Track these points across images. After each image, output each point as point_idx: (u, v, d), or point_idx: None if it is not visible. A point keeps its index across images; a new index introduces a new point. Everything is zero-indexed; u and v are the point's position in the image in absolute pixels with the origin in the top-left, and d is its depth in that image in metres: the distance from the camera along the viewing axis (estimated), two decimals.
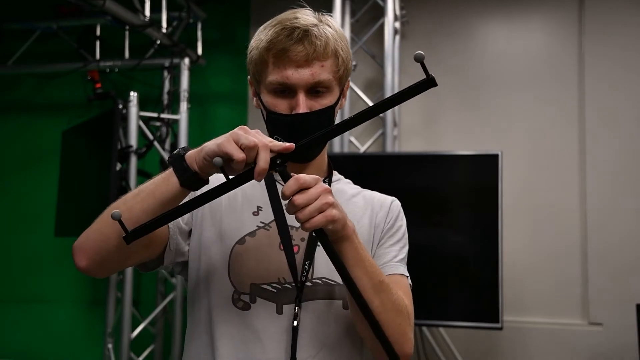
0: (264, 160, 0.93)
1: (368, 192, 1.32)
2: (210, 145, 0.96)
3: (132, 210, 1.01)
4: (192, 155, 1.01)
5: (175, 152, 1.03)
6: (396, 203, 1.31)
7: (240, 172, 0.96)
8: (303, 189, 0.96)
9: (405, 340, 1.11)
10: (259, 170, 0.93)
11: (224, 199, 1.21)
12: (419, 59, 0.85)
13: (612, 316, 3.23)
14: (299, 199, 0.95)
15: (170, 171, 1.02)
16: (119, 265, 1.12)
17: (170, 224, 1.16)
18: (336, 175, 1.33)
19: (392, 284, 1.10)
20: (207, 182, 1.02)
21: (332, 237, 1.01)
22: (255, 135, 0.95)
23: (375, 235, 1.24)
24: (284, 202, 1.10)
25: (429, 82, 0.89)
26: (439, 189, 3.01)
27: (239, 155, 0.93)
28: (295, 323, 1.12)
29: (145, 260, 1.16)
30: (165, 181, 1.02)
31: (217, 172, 0.97)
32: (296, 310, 1.12)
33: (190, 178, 1.00)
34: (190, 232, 1.21)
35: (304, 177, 0.96)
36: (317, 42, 1.13)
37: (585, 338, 3.26)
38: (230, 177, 0.96)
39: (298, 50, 1.12)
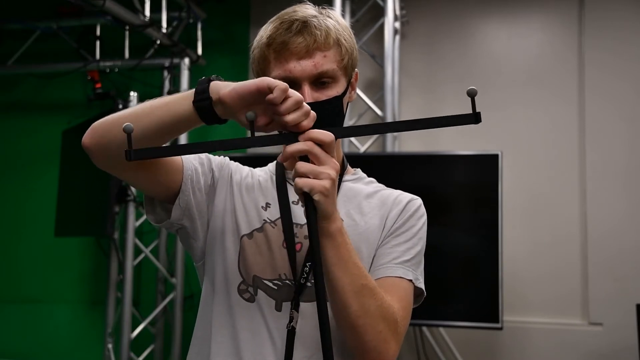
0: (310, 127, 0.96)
1: (387, 191, 1.26)
2: (248, 81, 0.97)
3: (142, 112, 1.00)
4: (221, 83, 0.99)
5: (206, 77, 1.01)
6: (414, 202, 1.24)
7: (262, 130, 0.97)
8: (309, 157, 0.96)
9: (385, 348, 1.06)
10: (313, 136, 0.95)
11: (244, 185, 1.22)
12: (472, 94, 0.89)
13: (612, 316, 3.23)
14: (303, 167, 0.95)
15: (192, 90, 1.00)
16: (119, 166, 1.05)
17: (186, 180, 1.13)
18: (357, 173, 1.30)
19: (379, 288, 1.06)
20: (219, 120, 0.99)
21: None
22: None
23: (382, 235, 1.19)
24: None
25: (474, 117, 0.91)
26: (439, 189, 3.01)
27: (279, 93, 0.93)
28: (291, 326, 1.10)
29: (146, 187, 1.12)
30: (182, 98, 1.00)
31: (234, 119, 0.98)
32: (292, 314, 1.11)
33: (203, 102, 0.97)
34: (206, 205, 1.19)
35: (316, 151, 0.95)
36: (317, 32, 1.10)
37: (585, 338, 3.26)
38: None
39: (298, 42, 1.09)
